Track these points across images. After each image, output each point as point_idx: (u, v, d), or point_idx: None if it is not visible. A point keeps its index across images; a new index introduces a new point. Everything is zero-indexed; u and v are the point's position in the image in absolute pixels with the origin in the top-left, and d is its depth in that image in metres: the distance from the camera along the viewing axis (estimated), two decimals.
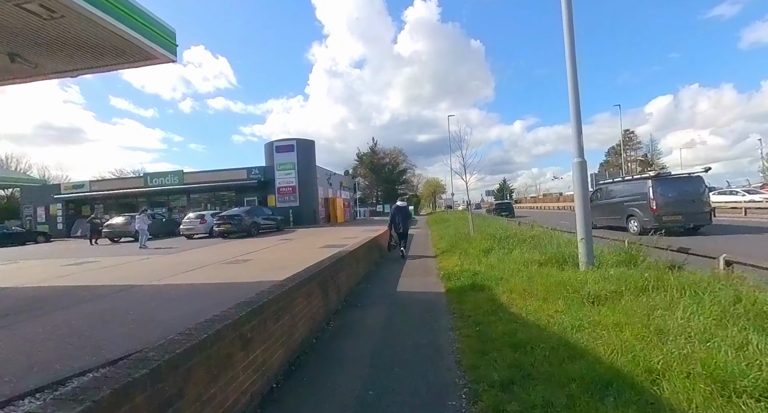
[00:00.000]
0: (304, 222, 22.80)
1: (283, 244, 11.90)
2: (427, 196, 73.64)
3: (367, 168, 56.77)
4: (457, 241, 10.17)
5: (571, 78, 5.41)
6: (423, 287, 5.86)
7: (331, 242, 11.38)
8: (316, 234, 15.78)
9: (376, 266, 8.26)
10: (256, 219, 17.04)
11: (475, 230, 11.72)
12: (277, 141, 23.52)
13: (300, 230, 19.62)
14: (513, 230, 9.62)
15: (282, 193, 23.16)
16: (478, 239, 9.08)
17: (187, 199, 24.99)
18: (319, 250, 9.27)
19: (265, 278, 5.52)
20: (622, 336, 2.80)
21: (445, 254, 8.93)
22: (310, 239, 13.64)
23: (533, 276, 5.13)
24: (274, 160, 23.17)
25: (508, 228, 11.11)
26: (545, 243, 7.00)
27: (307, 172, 23.60)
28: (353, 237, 12.39)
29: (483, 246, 7.97)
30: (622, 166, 46.52)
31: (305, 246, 10.83)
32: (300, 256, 8.50)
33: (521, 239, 7.95)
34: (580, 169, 5.30)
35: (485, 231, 10.34)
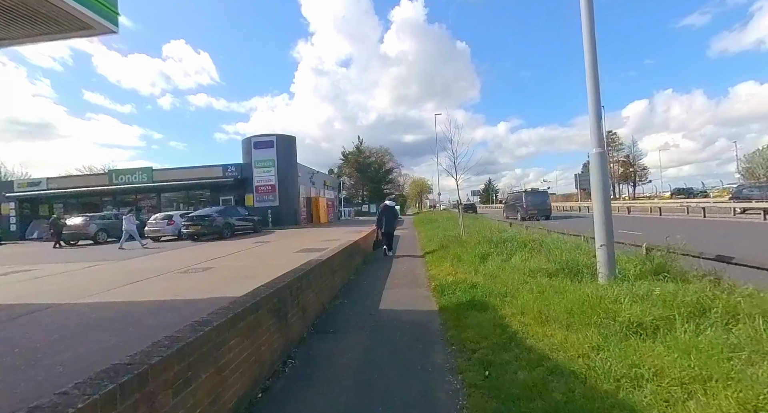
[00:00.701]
0: (284, 222, 21.50)
1: (257, 248, 10.72)
2: (414, 196, 73.04)
3: (352, 167, 55.55)
4: (447, 244, 9.24)
5: (589, 59, 4.53)
6: (411, 303, 4.86)
7: (310, 245, 10.29)
8: (294, 236, 14.62)
9: (356, 274, 7.23)
10: (229, 219, 15.70)
11: (466, 232, 10.84)
12: (256, 136, 22.11)
13: (279, 231, 18.36)
14: (510, 232, 8.76)
15: (260, 192, 21.78)
16: (471, 242, 8.17)
17: (158, 199, 23.25)
18: (295, 255, 8.19)
19: (220, 293, 4.46)
20: (711, 400, 1.87)
21: (435, 259, 7.97)
22: (287, 242, 12.50)
23: (545, 292, 4.22)
24: (252, 156, 21.76)
25: (504, 229, 10.28)
26: (552, 249, 6.11)
27: (288, 169, 22.29)
28: (334, 240, 11.36)
29: (478, 251, 7.05)
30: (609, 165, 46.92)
31: (280, 251, 9.70)
32: (271, 263, 7.39)
33: (521, 243, 7.07)
34: (600, 160, 4.42)
35: (480, 233, 9.45)
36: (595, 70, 4.48)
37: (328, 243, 10.30)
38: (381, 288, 5.90)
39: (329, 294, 5.10)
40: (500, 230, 11.13)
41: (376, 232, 10.07)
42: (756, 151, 36.12)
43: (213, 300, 4.01)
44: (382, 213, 9.70)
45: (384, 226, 9.54)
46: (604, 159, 4.44)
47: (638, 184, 52.16)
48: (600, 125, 4.43)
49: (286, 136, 22.76)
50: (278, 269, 5.78)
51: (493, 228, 12.00)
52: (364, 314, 4.45)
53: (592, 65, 4.49)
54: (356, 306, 4.87)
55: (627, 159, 51.97)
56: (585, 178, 51.50)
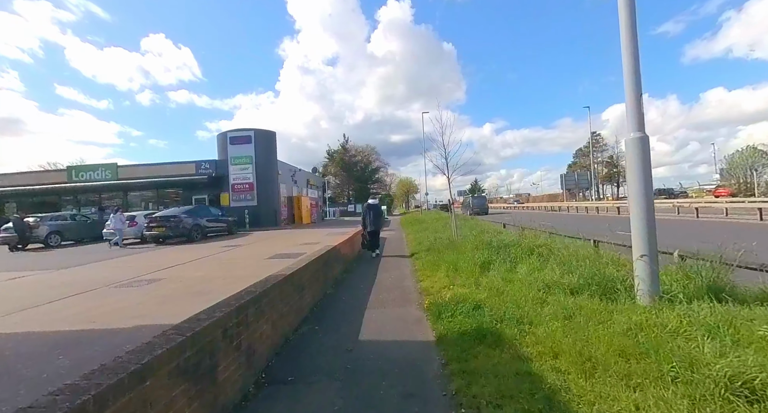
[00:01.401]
0: (263, 223, 20.13)
1: (225, 253, 9.46)
2: (401, 196, 72.25)
3: (338, 166, 54.22)
4: (439, 249, 8.25)
5: (626, 21, 3.58)
6: (400, 330, 3.81)
7: (286, 249, 9.15)
8: (271, 239, 13.38)
9: (335, 287, 6.13)
10: (199, 220, 14.30)
11: (459, 234, 9.88)
12: (232, 131, 20.64)
13: (256, 233, 17.02)
14: (511, 236, 7.82)
15: (237, 191, 20.33)
16: (467, 247, 7.19)
17: (125, 198, 21.45)
18: (265, 263, 7.07)
19: (153, 318, 3.47)
20: None
21: (427, 267, 6.95)
22: (261, 245, 11.28)
23: (574, 316, 3.25)
24: (228, 152, 20.29)
25: (499, 231, 9.39)
26: (567, 257, 5.18)
27: (267, 167, 20.92)
28: (314, 243, 10.25)
29: (477, 258, 6.06)
30: (591, 166, 47.33)
31: (250, 256, 8.51)
32: (235, 273, 6.24)
33: (527, 249, 6.12)
34: (641, 147, 3.49)
35: (477, 237, 8.49)
36: (632, 31, 3.54)
37: (307, 247, 9.20)
38: (363, 306, 4.82)
39: (295, 318, 3.99)
40: (496, 232, 10.24)
41: (358, 236, 9.88)
42: (735, 153, 36.91)
43: (135, 332, 2.89)
44: (366, 212, 9.41)
45: (369, 225, 9.29)
46: (646, 146, 3.50)
47: (621, 185, 52.83)
48: (640, 103, 3.50)
49: (265, 131, 21.37)
50: (240, 281, 4.69)
51: (487, 229, 11.10)
52: (338, 349, 3.36)
53: (629, 27, 3.54)
54: (329, 335, 3.77)
55: (611, 159, 52.60)
56: (570, 179, 51.94)
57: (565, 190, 50.68)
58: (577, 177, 50.38)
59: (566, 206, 32.03)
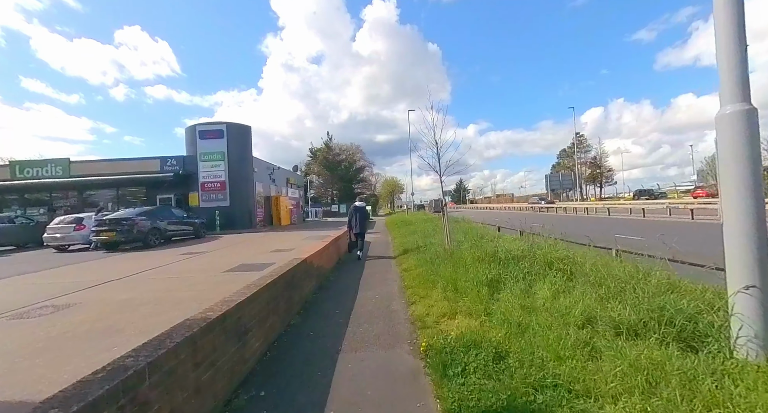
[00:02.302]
0: (236, 225, 18.47)
1: (179, 263, 7.95)
2: (386, 196, 71.13)
3: (321, 164, 52.54)
4: (432, 259, 7.04)
5: None
6: (386, 400, 2.54)
7: (253, 258, 7.77)
8: (241, 244, 11.89)
9: (303, 313, 4.80)
10: (158, 223, 12.61)
11: (451, 240, 8.71)
12: (202, 124, 18.86)
13: (226, 237, 15.41)
14: (515, 243, 6.68)
15: (207, 190, 18.58)
16: (466, 258, 6.00)
17: (80, 198, 19.31)
18: (221, 278, 5.70)
19: None
20: None
21: (419, 283, 5.73)
22: (227, 252, 9.80)
23: (656, 385, 2.07)
24: (198, 148, 18.51)
25: (502, 237, 8.28)
26: (603, 277, 4.03)
27: (242, 164, 19.24)
28: (288, 249, 8.93)
29: (482, 275, 4.85)
30: (575, 167, 47.47)
31: (207, 268, 7.07)
32: (177, 294, 4.82)
33: (544, 262, 4.97)
34: (747, 123, 2.34)
35: (476, 244, 7.31)
36: None
37: (278, 255, 7.87)
38: (336, 347, 3.53)
39: (227, 383, 2.65)
40: (494, 237, 9.13)
41: (348, 234, 9.83)
42: (714, 154, 37.45)
43: None
44: (353, 214, 9.45)
45: (356, 228, 9.35)
46: (753, 122, 2.36)
47: (604, 185, 53.47)
48: (745, 65, 2.36)
49: (239, 125, 19.69)
50: (174, 310, 3.46)
51: (483, 234, 9.98)
52: None
53: None
54: (279, 409, 2.46)
55: (594, 160, 53.09)
56: (555, 179, 52.09)
57: (549, 191, 50.76)
58: (562, 177, 50.54)
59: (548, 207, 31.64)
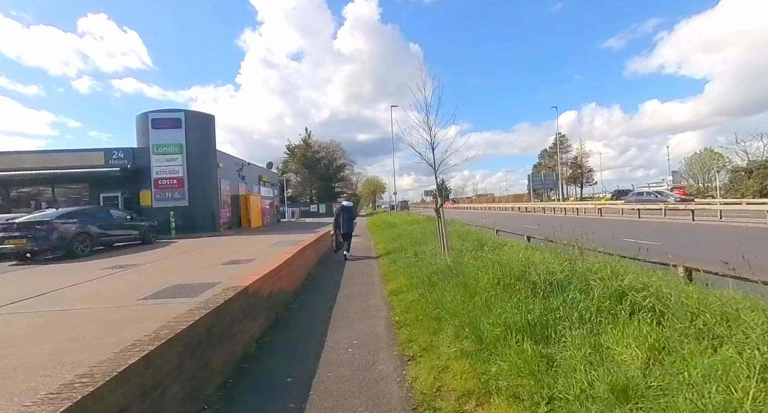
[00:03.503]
0: (197, 228, 16.17)
1: (89, 284, 5.86)
2: (367, 195, 69.32)
3: (299, 162, 50.03)
4: (430, 278, 5.34)
5: None
6: None
7: (194, 275, 5.88)
8: (192, 252, 9.85)
9: (229, 387, 2.94)
10: (88, 227, 10.29)
11: (449, 248, 7.03)
12: (155, 112, 16.37)
13: (181, 242, 13.18)
14: (544, 257, 5.02)
15: (161, 188, 16.15)
16: (483, 282, 4.30)
17: (5, 197, 16.37)
18: (130, 313, 3.91)
19: None
20: None
21: (416, 319, 4.00)
22: (166, 265, 7.76)
23: None
24: (150, 139, 16.04)
25: (511, 245, 6.71)
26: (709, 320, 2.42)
27: (203, 158, 16.92)
28: (246, 260, 7.18)
29: (515, 314, 3.16)
30: (557, 167, 47.34)
31: (121, 292, 5.09)
32: (26, 349, 2.73)
33: (610, 293, 3.30)
34: None
35: (482, 256, 5.63)
36: None
37: (231, 269, 6.15)
38: None
39: None
40: (499, 244, 7.54)
41: (334, 235, 9.48)
42: (694, 155, 38.18)
43: None
44: (339, 214, 9.21)
45: (342, 228, 9.10)
46: None
47: (585, 186, 53.85)
48: None
49: (200, 114, 17.34)
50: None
51: (482, 238, 8.38)
52: None
53: None
54: None
55: (575, 160, 53.33)
56: (537, 179, 51.93)
57: (531, 191, 50.52)
58: (544, 177, 50.42)
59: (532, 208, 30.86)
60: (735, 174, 30.97)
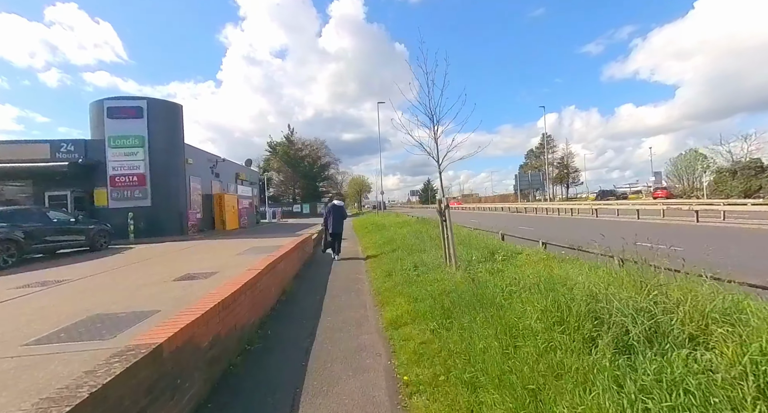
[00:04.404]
0: (163, 231, 14.34)
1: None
2: (352, 195, 67.81)
3: (281, 160, 47.96)
4: (443, 303, 4.00)
5: None
6: None
7: (131, 298, 4.43)
8: (145, 263, 8.27)
9: None
10: (13, 233, 8.47)
11: (454, 258, 5.72)
12: (112, 99, 14.41)
13: (138, 248, 11.44)
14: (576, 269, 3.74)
15: (120, 185, 14.23)
16: (529, 317, 2.99)
17: None
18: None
19: None
20: None
21: (438, 391, 2.65)
22: (102, 281, 6.19)
23: None
24: (106, 130, 14.09)
25: (527, 253, 5.50)
26: None
27: (170, 152, 15.07)
28: (208, 273, 6.04)
29: (610, 394, 1.85)
30: (544, 166, 47.15)
31: (8, 328, 3.51)
32: None
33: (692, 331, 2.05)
34: None
35: (509, 272, 4.32)
36: None
37: (182, 288, 4.86)
38: None
39: None
40: (513, 252, 6.32)
41: (324, 234, 9.45)
42: (679, 155, 38.54)
43: None
44: (329, 213, 9.04)
45: (332, 227, 8.95)
46: None
47: (570, 186, 54.05)
48: None
49: (166, 102, 15.48)
50: None
51: (492, 246, 7.14)
52: None
53: None
54: None
55: (562, 160, 53.42)
56: (524, 179, 51.69)
57: (519, 191, 50.24)
58: (531, 177, 50.23)
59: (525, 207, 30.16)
60: (720, 174, 31.17)
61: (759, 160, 28.53)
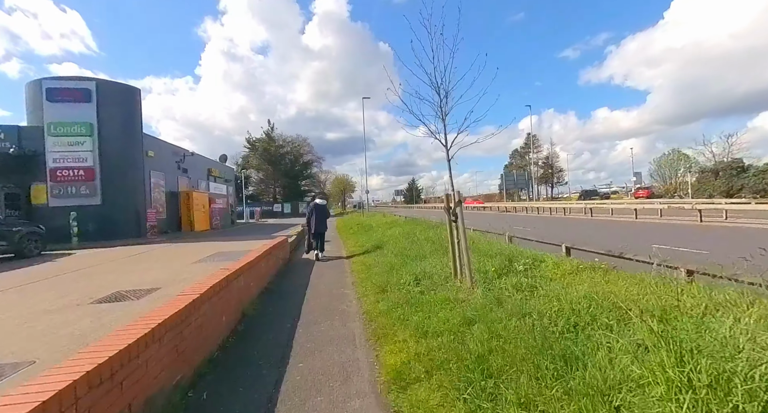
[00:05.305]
0: (117, 233, 12.45)
1: None
2: (336, 195, 66.07)
3: (261, 157, 45.71)
4: (468, 348, 2.66)
5: None
6: None
7: (12, 336, 2.61)
8: (72, 275, 6.60)
9: None
10: None
11: (468, 270, 4.40)
12: (52, 79, 12.37)
13: (77, 255, 9.63)
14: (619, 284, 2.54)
15: (62, 180, 12.21)
16: (614, 376, 1.70)
17: None
18: None
19: None
20: None
21: None
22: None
23: None
24: (45, 115, 12.05)
25: (542, 259, 4.29)
26: None
27: (125, 143, 13.15)
28: (147, 290, 4.49)
29: None
30: (529, 166, 46.98)
31: None
32: None
33: None
34: None
35: (552, 292, 3.04)
36: None
37: (95, 319, 3.18)
38: None
39: None
40: (533, 259, 5.10)
41: (306, 235, 9.11)
42: (662, 155, 38.97)
43: None
44: (312, 213, 8.70)
45: (314, 227, 8.58)
46: None
47: (555, 186, 54.25)
48: None
49: (119, 85, 13.50)
50: None
51: (505, 252, 5.89)
52: None
53: None
54: None
55: (546, 160, 53.53)
56: (509, 179, 51.44)
57: (505, 190, 49.96)
58: (516, 177, 50.07)
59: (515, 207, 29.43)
60: (703, 174, 31.46)
61: (740, 161, 28.94)
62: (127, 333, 2.20)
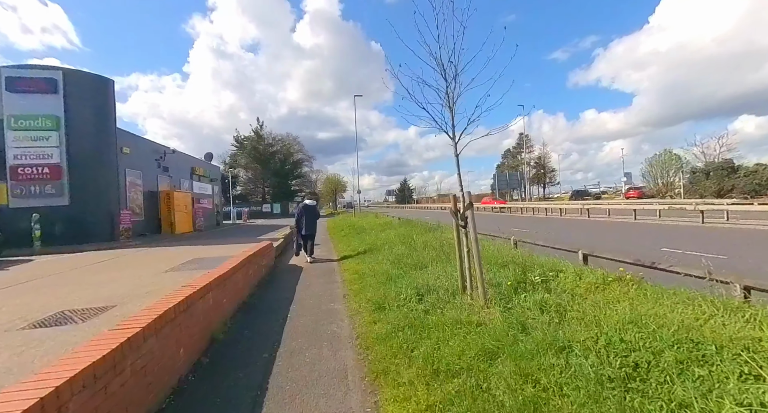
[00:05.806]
0: (88, 236, 11.45)
1: None
2: (327, 194, 65.06)
3: (249, 156, 44.49)
4: (495, 393, 1.96)
5: None
6: None
7: None
8: (15, 290, 5.61)
9: None
10: None
11: (480, 283, 3.73)
12: (11, 67, 11.28)
13: (34, 263, 8.69)
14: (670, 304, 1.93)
15: (23, 179, 11.16)
16: None
17: None
18: None
19: None
20: None
21: None
22: None
23: None
24: (3, 106, 10.98)
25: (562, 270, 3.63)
26: None
27: (96, 139, 12.13)
28: (99, 309, 4.46)
29: None
30: (522, 166, 46.84)
31: None
32: None
33: None
34: None
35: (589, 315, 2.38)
36: None
37: (16, 351, 2.10)
38: None
39: None
40: (552, 268, 4.46)
41: (296, 236, 8.70)
42: (654, 156, 39.13)
43: None
44: (301, 214, 8.36)
45: (304, 229, 8.28)
46: None
47: (547, 186, 54.33)
48: None
49: (89, 75, 12.45)
50: None
51: (519, 261, 5.26)
52: None
53: None
54: None
55: (539, 160, 53.54)
56: (502, 179, 51.27)
57: (497, 190, 49.76)
58: (509, 177, 49.96)
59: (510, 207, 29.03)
60: (694, 175, 31.59)
61: (731, 161, 29.11)
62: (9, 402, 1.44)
